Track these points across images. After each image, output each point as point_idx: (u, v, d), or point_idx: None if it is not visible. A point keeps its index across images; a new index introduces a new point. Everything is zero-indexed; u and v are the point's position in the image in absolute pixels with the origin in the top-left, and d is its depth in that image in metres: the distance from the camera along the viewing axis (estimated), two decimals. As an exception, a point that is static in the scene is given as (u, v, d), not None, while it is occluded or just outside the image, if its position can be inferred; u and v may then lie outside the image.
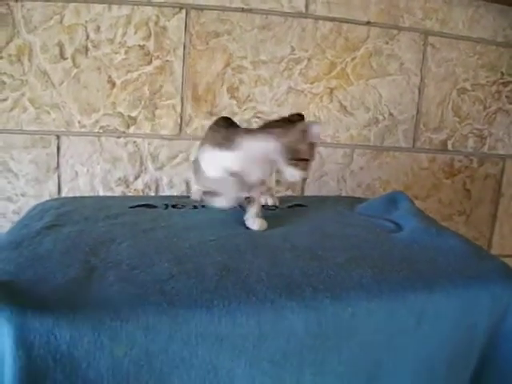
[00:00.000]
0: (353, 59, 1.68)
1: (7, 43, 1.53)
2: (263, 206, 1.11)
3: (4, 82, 1.55)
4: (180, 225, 1.00)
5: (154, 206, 1.15)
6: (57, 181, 1.61)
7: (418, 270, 0.83)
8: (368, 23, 1.67)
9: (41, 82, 1.56)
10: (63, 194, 1.62)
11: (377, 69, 1.70)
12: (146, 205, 1.15)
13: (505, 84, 1.81)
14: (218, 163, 0.99)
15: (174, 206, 1.16)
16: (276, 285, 0.74)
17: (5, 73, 1.54)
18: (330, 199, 1.35)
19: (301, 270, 0.78)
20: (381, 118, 1.73)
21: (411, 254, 0.88)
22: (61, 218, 1.03)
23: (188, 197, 1.23)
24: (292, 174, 0.95)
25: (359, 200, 1.31)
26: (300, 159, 0.94)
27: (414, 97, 1.74)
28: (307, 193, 1.72)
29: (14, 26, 1.53)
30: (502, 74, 1.80)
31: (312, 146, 0.96)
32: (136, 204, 1.15)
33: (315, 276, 0.77)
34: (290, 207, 1.20)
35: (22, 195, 1.60)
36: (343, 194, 1.74)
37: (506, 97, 1.82)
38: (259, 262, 0.81)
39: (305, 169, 0.96)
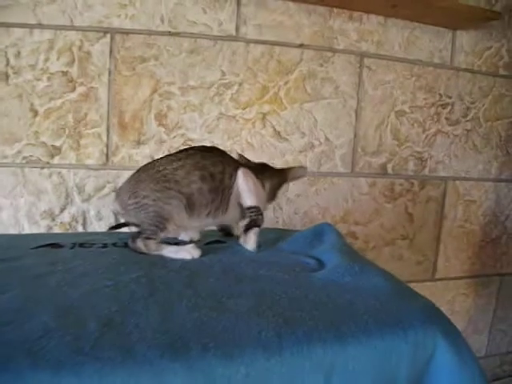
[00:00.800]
0: (286, 83, 1.64)
1: None
2: (180, 242, 1.09)
3: None
4: (79, 269, 0.92)
5: (60, 246, 1.08)
6: (-22, 214, 1.54)
7: (329, 318, 0.75)
8: (301, 45, 1.63)
9: (-42, 111, 1.49)
10: (-14, 228, 1.54)
11: (311, 92, 1.66)
12: (51, 244, 1.08)
13: (443, 106, 1.78)
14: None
15: (81, 245, 1.09)
16: (160, 343, 0.66)
17: None
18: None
19: (194, 323, 0.71)
20: (317, 142, 1.68)
21: (327, 298, 0.81)
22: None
23: (101, 233, 1.18)
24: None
25: (285, 232, 1.25)
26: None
27: (350, 120, 1.70)
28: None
29: None
30: (441, 95, 1.78)
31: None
32: (41, 244, 1.08)
33: (208, 330, 0.69)
34: (207, 244, 1.13)
35: None
36: (280, 222, 1.68)
37: (446, 118, 1.79)
38: (149, 314, 0.73)
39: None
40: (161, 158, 1.10)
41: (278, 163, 1.63)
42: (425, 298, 0.85)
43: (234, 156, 1.17)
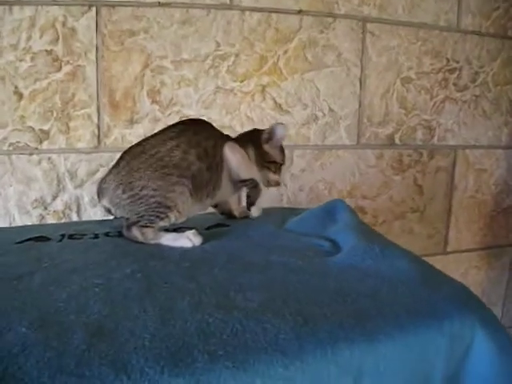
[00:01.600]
0: (285, 52, 1.54)
1: None
2: (179, 229, 0.98)
3: None
4: (67, 264, 0.81)
5: (48, 239, 0.97)
6: (-34, 205, 1.44)
7: (353, 311, 0.65)
8: (300, 12, 1.52)
9: None
10: (-25, 220, 1.45)
11: (312, 61, 1.56)
12: (38, 237, 0.97)
13: (451, 71, 1.69)
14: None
15: (71, 237, 0.98)
16: (159, 354, 0.55)
17: None
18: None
19: (198, 325, 0.60)
20: (320, 114, 1.59)
21: (348, 286, 0.71)
22: None
23: (93, 221, 1.09)
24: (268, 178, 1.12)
25: (293, 211, 1.16)
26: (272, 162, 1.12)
27: (355, 89, 1.60)
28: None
29: None
30: (448, 60, 1.68)
31: (281, 149, 1.15)
32: (27, 237, 0.97)
33: (216, 335, 0.59)
34: (208, 228, 1.03)
35: None
36: (284, 200, 1.59)
37: (454, 84, 1.70)
38: (147, 316, 0.62)
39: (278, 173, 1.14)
40: (149, 137, 0.99)
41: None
42: (456, 281, 0.76)
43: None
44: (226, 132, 1.09)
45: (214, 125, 1.06)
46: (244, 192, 1.10)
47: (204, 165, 0.97)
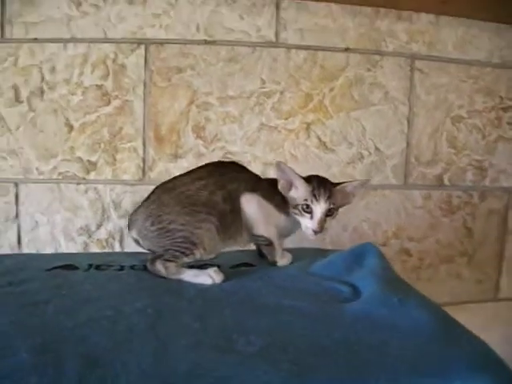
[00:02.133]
0: (331, 90, 1.52)
1: (-39, 87, 1.44)
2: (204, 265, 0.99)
3: (-41, 129, 1.45)
4: (84, 294, 0.84)
5: (76, 268, 1.01)
6: (16, 231, 1.49)
7: (355, 365, 0.61)
8: (347, 50, 1.51)
9: (-4, 128, 1.45)
10: (23, 245, 1.49)
11: (359, 99, 1.53)
12: (67, 266, 1.01)
13: (505, 109, 1.61)
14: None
15: (97, 267, 1.01)
16: None
17: (-41, 119, 1.45)
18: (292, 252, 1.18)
19: (189, 366, 0.59)
20: (366, 153, 1.55)
21: (356, 337, 0.68)
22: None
23: (124, 253, 1.11)
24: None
25: (323, 253, 1.13)
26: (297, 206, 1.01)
27: (402, 128, 1.56)
28: (287, 240, 1.54)
29: (-33, 69, 1.44)
30: (501, 98, 1.61)
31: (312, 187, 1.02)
32: (57, 265, 1.01)
33: (203, 378, 0.58)
34: (233, 267, 1.03)
35: (-19, 246, 1.50)
36: (327, 240, 1.55)
37: (508, 123, 1.62)
38: (144, 351, 0.62)
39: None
40: (179, 176, 1.03)
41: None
42: (477, 338, 0.69)
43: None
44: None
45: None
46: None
47: (228, 206, 0.99)
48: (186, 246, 0.94)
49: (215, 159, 1.45)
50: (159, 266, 0.93)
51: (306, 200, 0.98)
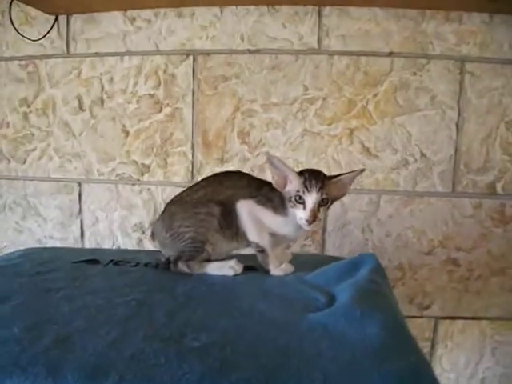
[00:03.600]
0: (375, 95, 1.48)
1: (34, 98, 1.59)
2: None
3: (33, 134, 1.61)
4: (91, 286, 0.93)
5: (98, 262, 1.12)
6: (79, 225, 1.63)
7: (272, 367, 0.62)
8: (391, 54, 1.46)
9: (63, 133, 1.59)
10: (86, 238, 1.64)
11: (404, 104, 1.48)
12: (91, 260, 1.13)
13: None
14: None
15: (116, 263, 1.12)
16: (84, 368, 0.62)
17: (33, 125, 1.60)
18: (302, 258, 1.18)
19: (133, 352, 0.65)
20: (411, 159, 1.49)
21: (298, 344, 0.67)
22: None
23: (146, 251, 1.28)
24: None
25: (330, 260, 1.10)
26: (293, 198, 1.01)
27: (450, 134, 1.48)
28: (328, 244, 1.54)
29: (39, 82, 1.58)
30: (562, 102, 1.47)
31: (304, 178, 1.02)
32: (82, 259, 1.13)
33: (140, 361, 0.63)
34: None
35: (50, 237, 1.66)
36: (369, 245, 1.52)
37: None
38: (107, 338, 0.69)
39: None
40: (186, 189, 1.12)
41: (367, 182, 1.50)
42: (419, 355, 0.65)
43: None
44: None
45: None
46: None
47: (223, 210, 1.04)
48: (196, 245, 1.03)
49: (259, 164, 1.50)
50: (182, 267, 1.03)
51: (298, 191, 0.98)
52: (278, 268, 1.05)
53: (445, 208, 1.51)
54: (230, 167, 1.51)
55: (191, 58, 1.51)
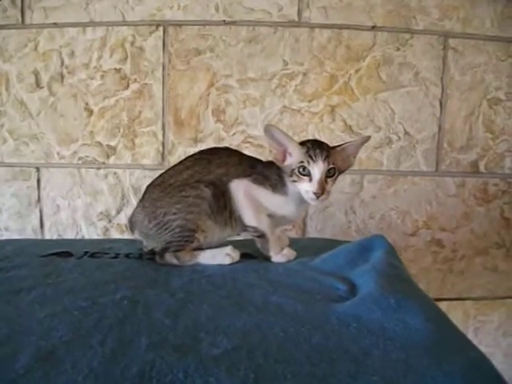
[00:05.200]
0: (357, 71, 1.38)
1: (-16, 73, 1.40)
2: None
3: (-17, 114, 1.41)
4: (68, 284, 0.77)
5: (70, 255, 0.94)
6: (39, 215, 1.44)
7: (324, 376, 0.49)
8: (374, 28, 1.37)
9: (18, 113, 1.40)
10: (46, 229, 1.45)
11: (387, 80, 1.39)
12: (62, 252, 0.95)
13: (548, 91, 1.43)
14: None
15: (92, 255, 0.95)
16: None
17: (-17, 104, 1.41)
18: (300, 242, 1.06)
19: (141, 368, 0.50)
20: (395, 137, 1.41)
21: (338, 343, 0.56)
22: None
23: (124, 240, 1.04)
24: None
25: (333, 244, 0.99)
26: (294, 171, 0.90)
27: (434, 111, 1.41)
28: (309, 227, 1.43)
29: (-11, 55, 1.39)
30: (544, 78, 1.43)
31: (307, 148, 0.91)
32: (52, 252, 0.96)
33: (152, 381, 0.48)
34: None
35: (6, 229, 1.46)
36: (352, 227, 1.43)
37: (551, 106, 1.44)
38: (100, 350, 0.54)
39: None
40: (169, 169, 0.97)
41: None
42: (477, 352, 0.56)
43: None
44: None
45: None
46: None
47: (215, 192, 0.90)
48: (186, 234, 0.89)
49: (236, 144, 1.37)
50: (170, 258, 0.89)
51: (301, 162, 0.87)
52: (280, 254, 0.93)
53: (428, 187, 1.43)
54: (204, 147, 1.35)
55: (161, 29, 1.36)
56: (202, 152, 0.98)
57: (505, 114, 1.42)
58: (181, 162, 0.96)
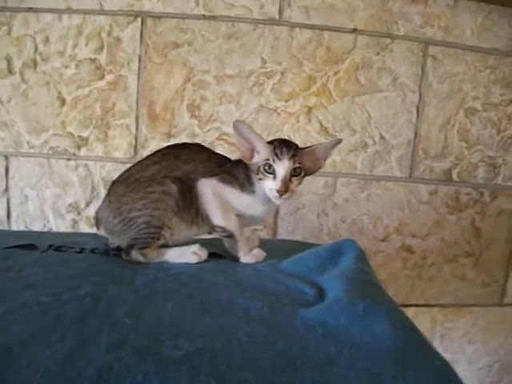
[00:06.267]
0: (336, 73, 1.35)
1: (-47, 57, 1.33)
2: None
3: (-49, 98, 1.34)
4: (29, 278, 0.71)
5: (35, 248, 0.89)
6: (6, 205, 1.37)
7: None
8: (354, 31, 1.33)
9: (-12, 99, 1.33)
10: (13, 220, 1.38)
11: (365, 84, 1.36)
12: (26, 245, 0.89)
13: (524, 103, 1.41)
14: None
15: (57, 248, 0.89)
16: None
17: (-48, 88, 1.33)
18: (270, 244, 1.02)
19: (99, 369, 0.46)
20: (370, 141, 1.38)
21: (302, 349, 0.52)
22: None
23: (92, 234, 0.98)
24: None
25: (303, 247, 0.95)
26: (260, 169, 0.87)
27: (411, 117, 1.38)
28: (280, 228, 1.39)
29: (-40, 37, 1.32)
30: (521, 91, 1.41)
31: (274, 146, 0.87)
32: (16, 244, 0.89)
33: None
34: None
35: (-29, 220, 1.39)
36: (324, 231, 1.39)
37: (526, 119, 1.42)
38: (58, 348, 0.49)
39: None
40: (135, 164, 0.92)
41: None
42: (442, 359, 0.53)
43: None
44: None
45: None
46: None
47: (182, 188, 0.86)
48: (151, 231, 0.85)
49: (210, 140, 1.33)
50: (136, 255, 0.85)
51: (267, 160, 0.84)
52: (249, 254, 0.89)
53: (401, 193, 1.41)
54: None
55: (139, 20, 1.30)
56: (170, 147, 0.93)
57: (480, 124, 1.40)
58: (148, 157, 0.91)
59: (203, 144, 0.96)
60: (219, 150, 0.95)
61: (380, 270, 1.40)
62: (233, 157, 0.95)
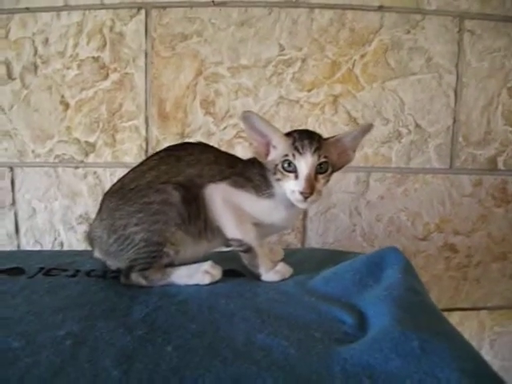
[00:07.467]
0: (362, 56, 1.19)
1: (-49, 63, 1.22)
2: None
3: (-49, 108, 1.23)
4: (6, 312, 0.60)
5: (22, 272, 0.76)
6: (13, 219, 1.26)
7: None
8: (380, 8, 1.18)
9: (-11, 107, 1.22)
10: (22, 234, 1.27)
11: (396, 67, 1.20)
12: (12, 269, 0.77)
13: None
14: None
15: (47, 272, 0.77)
16: None
17: (-49, 97, 1.23)
18: (297, 255, 0.87)
19: None
20: (405, 131, 1.22)
21: None
22: None
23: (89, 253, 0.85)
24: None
25: (338, 257, 0.80)
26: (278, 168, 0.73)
27: (448, 101, 1.22)
28: (310, 231, 1.24)
29: (-44, 43, 1.21)
30: None
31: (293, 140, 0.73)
32: (1, 268, 0.78)
33: None
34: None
35: (-22, 235, 1.28)
36: (357, 231, 1.24)
37: None
38: None
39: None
40: (128, 172, 0.78)
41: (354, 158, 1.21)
42: None
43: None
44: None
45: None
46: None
47: (186, 196, 0.72)
48: (152, 249, 0.71)
49: (227, 139, 1.19)
50: (136, 279, 0.71)
51: (286, 156, 0.70)
52: (272, 271, 0.74)
53: (442, 186, 1.24)
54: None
55: (143, 12, 1.18)
56: (169, 148, 0.79)
57: (527, 104, 1.23)
58: (143, 162, 0.78)
59: (207, 143, 0.82)
60: (238, 150, 0.82)
61: (421, 272, 1.22)
62: (245, 156, 0.81)
